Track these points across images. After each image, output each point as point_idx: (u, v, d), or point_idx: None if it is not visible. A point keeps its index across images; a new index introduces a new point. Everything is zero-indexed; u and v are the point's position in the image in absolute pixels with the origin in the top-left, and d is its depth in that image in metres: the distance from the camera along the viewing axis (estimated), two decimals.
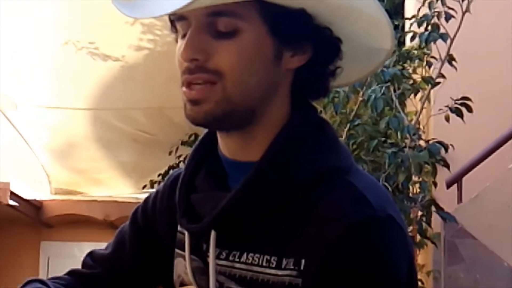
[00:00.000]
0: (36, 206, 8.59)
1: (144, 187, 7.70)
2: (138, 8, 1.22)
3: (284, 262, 1.18)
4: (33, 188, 8.43)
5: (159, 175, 7.16)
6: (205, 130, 1.33)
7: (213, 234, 1.23)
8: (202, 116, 1.20)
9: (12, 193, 7.55)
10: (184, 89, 1.21)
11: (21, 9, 6.37)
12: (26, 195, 8.18)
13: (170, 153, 7.19)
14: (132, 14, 1.23)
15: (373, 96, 4.39)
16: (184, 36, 1.23)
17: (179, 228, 1.34)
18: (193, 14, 1.19)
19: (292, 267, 1.17)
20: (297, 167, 1.21)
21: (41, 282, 1.36)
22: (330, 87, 1.29)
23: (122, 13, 1.21)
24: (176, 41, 1.28)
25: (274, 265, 1.19)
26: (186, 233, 1.30)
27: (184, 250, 1.30)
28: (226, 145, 1.28)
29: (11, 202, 7.63)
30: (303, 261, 1.16)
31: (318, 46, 1.24)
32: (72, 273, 1.42)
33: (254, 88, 1.21)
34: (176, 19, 1.24)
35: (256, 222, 1.21)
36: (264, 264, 1.20)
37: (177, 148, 7.18)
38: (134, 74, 6.98)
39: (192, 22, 1.20)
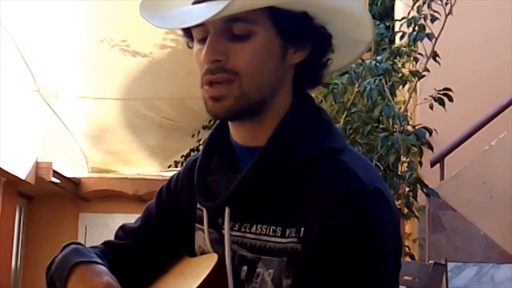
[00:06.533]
0: (75, 183, 8.62)
1: (169, 166, 7.73)
2: (168, 19, 1.21)
3: (287, 231, 1.18)
4: (73, 167, 8.45)
5: (182, 157, 7.18)
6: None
7: (227, 210, 1.24)
8: (223, 112, 1.21)
9: (54, 171, 7.58)
10: (205, 87, 1.21)
11: (64, 12, 6.36)
12: (66, 173, 8.21)
13: (193, 136, 7.21)
14: (164, 25, 1.22)
15: (368, 88, 4.38)
16: (200, 40, 1.22)
17: (198, 205, 1.34)
18: (211, 21, 1.18)
19: (294, 235, 1.17)
20: (297, 149, 1.21)
21: (78, 243, 1.36)
22: (324, 75, 1.30)
23: (153, 25, 1.19)
24: (188, 45, 1.27)
25: (279, 234, 1.19)
26: (204, 209, 1.31)
27: (203, 225, 1.31)
28: (238, 133, 1.28)
29: (53, 179, 7.65)
30: (302, 229, 1.16)
31: (316, 42, 1.24)
32: (106, 243, 1.42)
33: (266, 84, 1.22)
34: (193, 25, 1.22)
35: (264, 198, 1.21)
36: (270, 233, 1.20)
37: (198, 132, 7.19)
38: (160, 69, 6.96)
39: (210, 28, 1.19)
